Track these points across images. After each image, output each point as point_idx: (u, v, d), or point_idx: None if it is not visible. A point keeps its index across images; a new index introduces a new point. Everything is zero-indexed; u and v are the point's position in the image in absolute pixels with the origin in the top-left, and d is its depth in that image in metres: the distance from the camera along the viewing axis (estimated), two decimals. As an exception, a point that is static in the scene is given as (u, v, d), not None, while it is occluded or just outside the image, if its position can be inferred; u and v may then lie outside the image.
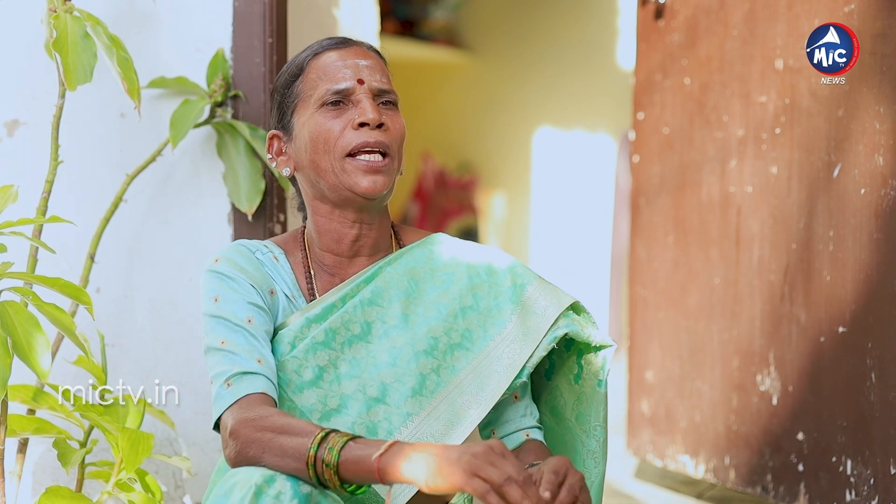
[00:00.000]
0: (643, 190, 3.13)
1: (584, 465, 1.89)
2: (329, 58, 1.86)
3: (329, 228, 1.88)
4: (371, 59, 1.88)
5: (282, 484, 1.61)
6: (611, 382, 1.95)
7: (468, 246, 1.94)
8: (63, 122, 2.28)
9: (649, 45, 3.09)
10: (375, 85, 1.85)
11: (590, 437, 1.88)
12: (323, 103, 1.83)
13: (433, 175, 6.19)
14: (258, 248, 1.90)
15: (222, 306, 1.80)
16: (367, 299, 1.85)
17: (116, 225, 2.44)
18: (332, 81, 1.84)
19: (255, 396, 1.72)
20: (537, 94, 5.94)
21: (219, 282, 1.82)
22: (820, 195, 2.60)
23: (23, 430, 2.12)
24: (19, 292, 2.01)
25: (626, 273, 3.78)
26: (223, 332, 1.78)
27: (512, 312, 1.86)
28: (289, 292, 1.88)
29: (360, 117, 1.82)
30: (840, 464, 2.55)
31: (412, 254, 1.91)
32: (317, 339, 1.83)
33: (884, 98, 2.43)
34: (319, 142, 1.82)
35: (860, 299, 2.51)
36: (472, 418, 1.81)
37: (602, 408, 1.88)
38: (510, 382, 1.81)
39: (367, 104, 1.83)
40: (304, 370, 1.81)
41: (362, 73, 1.85)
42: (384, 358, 1.83)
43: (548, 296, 1.86)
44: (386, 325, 1.85)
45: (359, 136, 1.82)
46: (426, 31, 6.03)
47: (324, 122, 1.83)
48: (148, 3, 2.46)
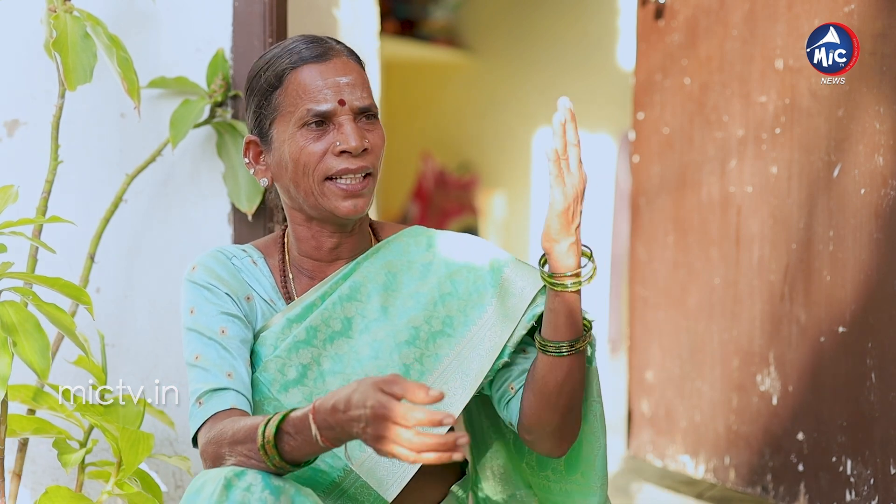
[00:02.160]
0: (643, 190, 3.13)
1: (584, 441, 1.89)
2: (309, 74, 1.83)
3: (307, 236, 1.89)
4: (351, 73, 1.85)
5: (252, 476, 1.63)
6: (611, 382, 1.95)
7: (444, 235, 1.95)
8: (63, 122, 2.28)
9: (649, 45, 3.09)
10: (357, 104, 1.83)
11: (587, 411, 1.89)
12: (304, 124, 1.82)
13: (433, 175, 6.19)
14: (236, 253, 1.91)
15: (197, 318, 1.83)
16: (345, 295, 1.86)
17: (116, 225, 2.44)
18: (313, 102, 1.81)
19: (223, 413, 1.75)
20: (537, 94, 5.94)
21: (195, 293, 1.85)
22: (820, 195, 2.60)
23: (23, 430, 2.12)
24: (19, 292, 2.01)
25: (626, 273, 3.78)
26: (197, 347, 1.81)
27: (492, 296, 1.87)
28: (266, 296, 1.89)
29: (342, 144, 1.80)
30: (840, 464, 2.55)
31: (389, 247, 1.92)
32: (298, 337, 1.84)
33: (884, 98, 2.43)
34: (300, 163, 1.82)
35: (860, 299, 2.50)
36: (457, 403, 1.83)
37: (594, 383, 1.89)
38: (492, 364, 1.83)
39: (349, 130, 1.81)
40: (288, 369, 1.83)
41: (343, 92, 1.82)
42: (366, 352, 1.84)
43: (524, 275, 1.87)
44: (366, 319, 1.86)
45: (340, 162, 1.81)
46: (426, 31, 6.02)
47: (305, 143, 1.81)
48: (148, 3, 2.46)
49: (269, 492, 1.62)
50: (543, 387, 1.79)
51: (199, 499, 1.62)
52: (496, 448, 2.01)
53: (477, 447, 2.03)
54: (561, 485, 1.94)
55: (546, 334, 1.78)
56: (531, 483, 1.99)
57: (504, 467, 2.00)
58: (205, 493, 1.62)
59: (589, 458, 1.90)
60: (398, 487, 1.80)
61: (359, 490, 1.80)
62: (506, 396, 1.86)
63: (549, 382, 1.78)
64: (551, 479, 1.95)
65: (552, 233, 1.74)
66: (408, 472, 1.80)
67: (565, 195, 1.73)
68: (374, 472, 1.80)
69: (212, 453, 1.70)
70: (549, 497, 1.97)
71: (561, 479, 1.94)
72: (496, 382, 1.87)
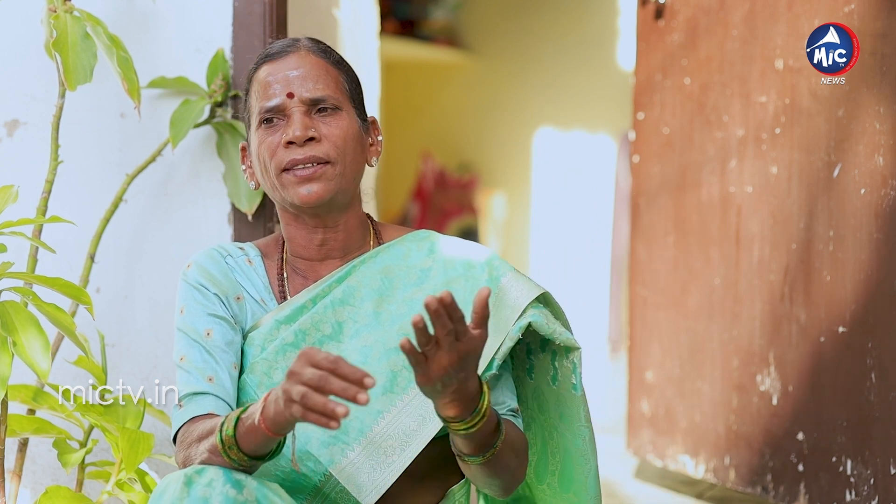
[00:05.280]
0: (643, 190, 3.13)
1: (576, 463, 1.88)
2: (263, 72, 1.86)
3: (295, 234, 1.89)
4: (305, 66, 1.85)
5: (213, 472, 1.63)
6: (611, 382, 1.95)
7: (446, 241, 1.92)
8: (63, 122, 2.28)
9: (649, 45, 3.09)
10: (307, 95, 1.83)
11: (575, 436, 1.87)
12: (261, 121, 1.84)
13: (433, 175, 6.19)
14: (232, 252, 1.92)
15: (185, 318, 1.84)
16: (338, 299, 1.85)
17: (116, 225, 2.44)
18: (264, 98, 1.84)
19: (200, 418, 1.76)
20: (537, 95, 5.94)
21: (186, 292, 1.86)
22: (820, 195, 2.60)
23: (23, 430, 2.12)
24: (19, 292, 2.01)
25: (626, 273, 3.78)
26: (183, 348, 1.83)
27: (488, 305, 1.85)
28: (258, 296, 1.89)
29: (286, 136, 1.81)
30: (840, 464, 2.55)
31: (388, 251, 1.90)
32: (286, 340, 1.83)
33: (884, 98, 2.43)
34: (261, 160, 1.84)
35: (860, 299, 2.51)
36: None
37: (581, 408, 1.86)
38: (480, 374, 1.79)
39: (295, 120, 1.82)
40: (275, 372, 1.82)
41: (292, 85, 1.83)
42: (355, 357, 1.82)
43: (519, 287, 1.83)
44: (357, 324, 1.85)
45: (288, 153, 1.82)
46: (426, 31, 6.03)
47: (262, 140, 1.84)
48: (148, 3, 2.46)
49: (231, 485, 1.61)
50: (476, 481, 1.79)
51: (163, 501, 1.62)
52: None
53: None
54: (556, 500, 1.94)
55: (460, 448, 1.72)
56: (531, 491, 1.99)
57: None
58: (167, 495, 1.63)
59: (580, 479, 1.89)
60: (377, 495, 1.78)
61: (339, 495, 1.79)
62: None
63: (479, 479, 1.78)
64: (547, 493, 1.95)
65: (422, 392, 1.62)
66: (388, 479, 1.79)
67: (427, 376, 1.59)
68: (355, 478, 1.79)
69: (182, 457, 1.73)
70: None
71: (556, 495, 1.93)
72: None
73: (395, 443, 1.79)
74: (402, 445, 1.79)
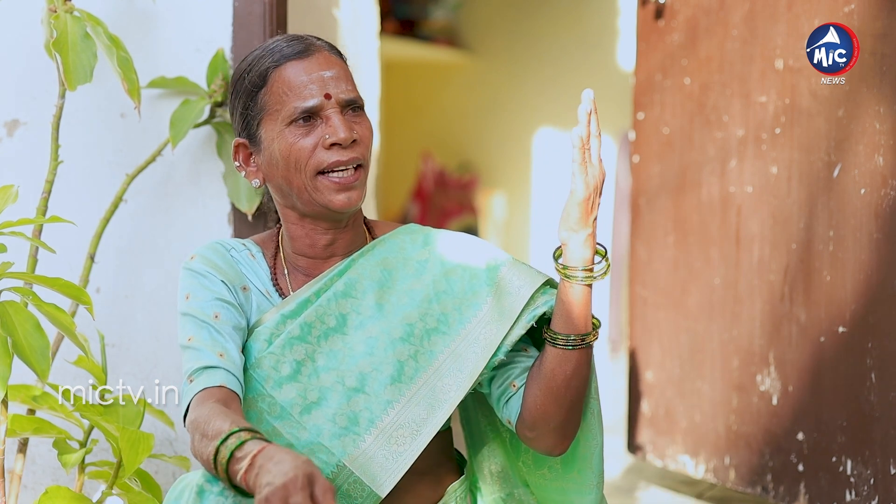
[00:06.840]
0: (643, 190, 3.13)
1: (582, 439, 1.90)
2: (293, 70, 1.84)
3: (301, 234, 1.90)
4: (335, 66, 1.86)
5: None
6: (611, 382, 1.95)
7: (441, 233, 1.95)
8: (63, 122, 2.28)
9: (649, 45, 3.09)
10: (343, 97, 1.84)
11: (586, 409, 1.89)
12: (292, 121, 1.83)
13: (433, 175, 6.19)
14: (234, 246, 1.93)
15: (192, 303, 1.84)
16: (340, 291, 1.87)
17: (116, 225, 2.44)
18: (299, 98, 1.82)
19: (212, 390, 1.74)
20: (537, 94, 5.94)
21: (192, 279, 1.86)
22: (820, 195, 2.60)
23: (23, 430, 2.12)
24: (19, 292, 2.01)
25: (626, 273, 3.78)
26: (191, 329, 1.82)
27: (487, 294, 1.87)
28: (263, 289, 1.90)
29: (331, 137, 1.81)
30: (840, 464, 2.55)
31: (385, 244, 1.92)
32: (292, 333, 1.84)
33: (884, 98, 2.43)
34: (291, 160, 1.83)
35: (860, 299, 2.51)
36: (451, 400, 1.83)
37: (592, 380, 1.89)
38: (487, 361, 1.83)
39: (337, 122, 1.82)
40: (282, 365, 1.83)
41: (329, 86, 1.83)
42: (361, 348, 1.84)
43: (522, 275, 1.87)
44: (361, 315, 1.87)
45: (331, 155, 1.82)
46: (426, 31, 6.03)
47: (294, 140, 1.83)
48: (148, 3, 2.46)
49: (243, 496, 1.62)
50: (551, 381, 1.79)
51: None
52: (493, 447, 2.01)
53: (474, 447, 2.03)
54: (557, 483, 1.94)
55: (556, 327, 1.79)
56: (528, 482, 1.99)
57: (501, 466, 2.00)
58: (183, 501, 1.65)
59: (586, 455, 1.90)
60: (392, 482, 1.80)
61: (352, 486, 1.80)
62: (507, 394, 1.86)
63: (558, 376, 1.79)
64: (548, 478, 1.95)
65: (571, 222, 1.76)
66: (402, 467, 1.81)
67: (587, 184, 1.76)
68: (368, 467, 1.80)
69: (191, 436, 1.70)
70: (546, 495, 1.97)
71: (557, 478, 1.94)
72: (497, 380, 1.87)
73: (406, 432, 1.81)
74: (413, 434, 1.81)
